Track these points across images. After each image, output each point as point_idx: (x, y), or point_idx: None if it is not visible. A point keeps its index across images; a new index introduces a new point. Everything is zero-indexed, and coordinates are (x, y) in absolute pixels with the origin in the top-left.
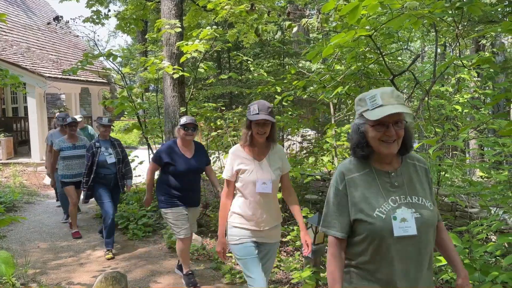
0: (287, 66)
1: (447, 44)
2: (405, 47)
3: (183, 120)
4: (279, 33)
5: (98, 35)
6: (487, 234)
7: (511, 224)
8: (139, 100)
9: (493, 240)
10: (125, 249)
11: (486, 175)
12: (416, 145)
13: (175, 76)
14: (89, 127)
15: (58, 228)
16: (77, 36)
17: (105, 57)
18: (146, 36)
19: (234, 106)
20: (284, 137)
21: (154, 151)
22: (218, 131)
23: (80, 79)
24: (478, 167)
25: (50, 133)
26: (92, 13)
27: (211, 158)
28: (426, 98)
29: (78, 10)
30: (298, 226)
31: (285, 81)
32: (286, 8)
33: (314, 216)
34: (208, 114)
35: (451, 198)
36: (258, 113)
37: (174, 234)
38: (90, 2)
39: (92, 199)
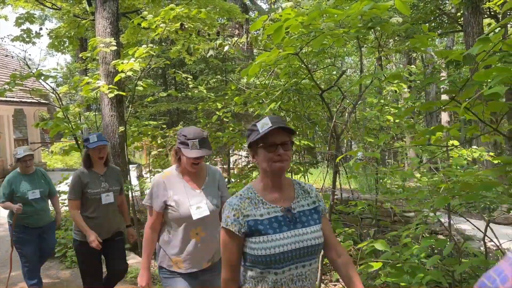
0: (229, 83)
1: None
2: (334, 63)
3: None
4: (211, 51)
5: (30, 54)
6: (423, 235)
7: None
8: (82, 120)
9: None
10: (64, 279)
11: (425, 180)
12: (340, 156)
13: (110, 95)
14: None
15: None
16: (6, 55)
17: (35, 77)
18: (80, 55)
19: (182, 122)
20: (230, 152)
21: None
22: (159, 149)
23: (13, 100)
24: (402, 173)
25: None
26: (22, 32)
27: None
28: (358, 110)
29: (8, 29)
30: None
31: (226, 97)
32: (225, 25)
33: None
34: (149, 133)
35: (386, 204)
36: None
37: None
38: (19, 21)
39: None
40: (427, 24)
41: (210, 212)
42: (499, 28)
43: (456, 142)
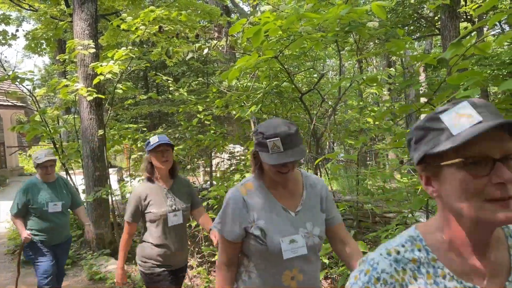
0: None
1: (363, 60)
2: (314, 66)
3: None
4: (190, 54)
5: (6, 56)
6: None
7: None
8: (60, 123)
9: None
10: None
11: (405, 181)
12: (319, 159)
13: (89, 98)
14: None
15: None
16: None
17: (10, 80)
18: (58, 57)
19: (164, 125)
20: (212, 154)
21: (75, 178)
22: (139, 153)
23: None
24: (381, 175)
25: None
26: None
27: (136, 181)
28: (338, 113)
29: None
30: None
31: (207, 99)
32: (206, 28)
33: None
34: (129, 136)
35: (367, 206)
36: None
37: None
38: None
39: None
40: (405, 28)
41: (308, 250)
42: (475, 32)
43: None
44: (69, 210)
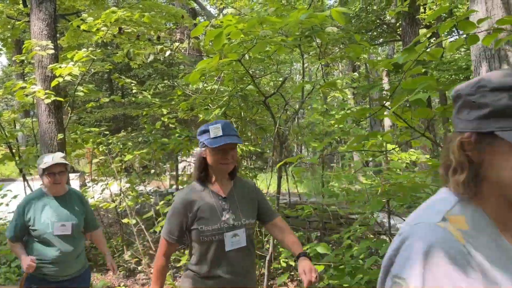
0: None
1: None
2: (278, 69)
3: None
4: (151, 56)
5: None
6: (366, 237)
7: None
8: (17, 127)
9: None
10: None
11: (368, 183)
12: (280, 162)
13: (47, 101)
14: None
15: None
16: None
17: None
18: (14, 58)
19: (130, 128)
20: (179, 158)
21: (33, 184)
22: (101, 157)
23: None
24: (344, 177)
25: None
26: None
27: (98, 186)
28: (302, 116)
29: None
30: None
31: (172, 102)
32: (172, 30)
33: None
34: (91, 140)
35: (331, 207)
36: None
37: None
38: None
39: None
40: (369, 34)
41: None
42: (425, 39)
43: (393, 146)
44: (82, 233)
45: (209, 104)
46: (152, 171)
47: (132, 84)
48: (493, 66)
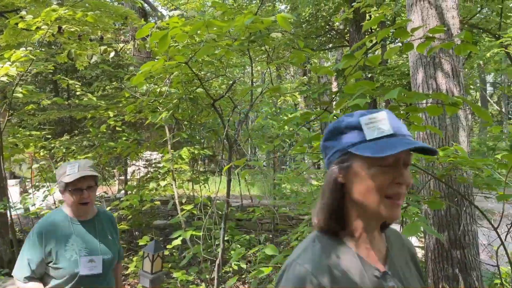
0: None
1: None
2: (226, 73)
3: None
4: (94, 57)
5: None
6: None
7: None
8: None
9: None
10: None
11: (316, 184)
12: (227, 165)
13: None
14: None
15: None
16: None
17: None
18: None
19: (77, 131)
20: (128, 162)
21: None
22: (42, 162)
23: None
24: (292, 179)
25: None
26: None
27: (40, 192)
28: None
29: None
30: (137, 257)
31: (120, 105)
32: (120, 30)
33: (151, 244)
34: (31, 144)
35: (282, 209)
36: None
37: None
38: None
39: None
40: (319, 39)
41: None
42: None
43: None
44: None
45: (158, 107)
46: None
47: (77, 86)
48: (428, 73)
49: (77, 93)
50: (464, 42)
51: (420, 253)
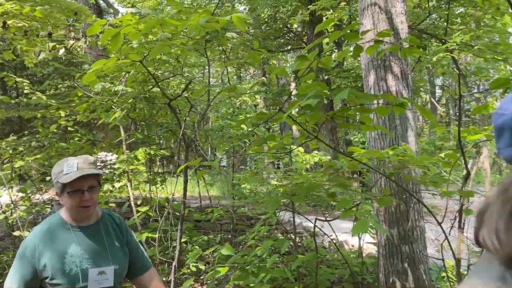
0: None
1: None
2: (183, 72)
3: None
4: (43, 54)
5: None
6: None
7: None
8: None
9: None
10: None
11: (275, 184)
12: (182, 166)
13: None
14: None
15: None
16: None
17: None
18: None
19: (27, 132)
20: None
21: None
22: None
23: None
24: (250, 180)
25: None
26: None
27: None
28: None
29: None
30: None
31: (72, 104)
32: (73, 26)
33: None
34: None
35: (241, 209)
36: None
37: None
38: None
39: None
40: (278, 40)
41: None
42: (317, 48)
43: (301, 149)
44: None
45: (112, 106)
46: (48, 178)
47: (25, 84)
48: (379, 75)
49: (25, 91)
50: (410, 46)
51: (373, 249)
